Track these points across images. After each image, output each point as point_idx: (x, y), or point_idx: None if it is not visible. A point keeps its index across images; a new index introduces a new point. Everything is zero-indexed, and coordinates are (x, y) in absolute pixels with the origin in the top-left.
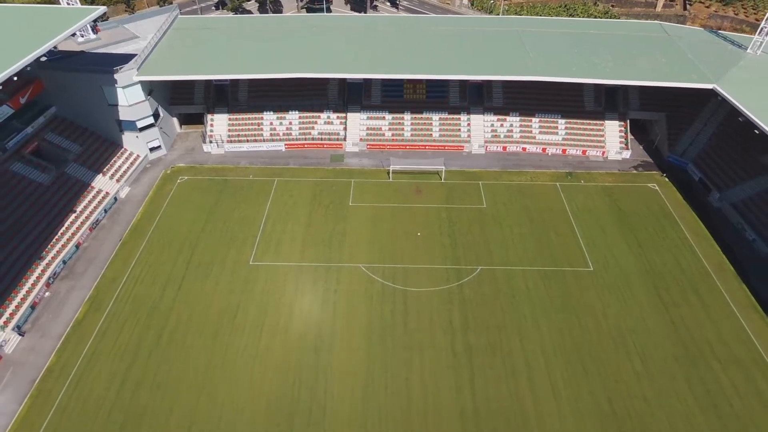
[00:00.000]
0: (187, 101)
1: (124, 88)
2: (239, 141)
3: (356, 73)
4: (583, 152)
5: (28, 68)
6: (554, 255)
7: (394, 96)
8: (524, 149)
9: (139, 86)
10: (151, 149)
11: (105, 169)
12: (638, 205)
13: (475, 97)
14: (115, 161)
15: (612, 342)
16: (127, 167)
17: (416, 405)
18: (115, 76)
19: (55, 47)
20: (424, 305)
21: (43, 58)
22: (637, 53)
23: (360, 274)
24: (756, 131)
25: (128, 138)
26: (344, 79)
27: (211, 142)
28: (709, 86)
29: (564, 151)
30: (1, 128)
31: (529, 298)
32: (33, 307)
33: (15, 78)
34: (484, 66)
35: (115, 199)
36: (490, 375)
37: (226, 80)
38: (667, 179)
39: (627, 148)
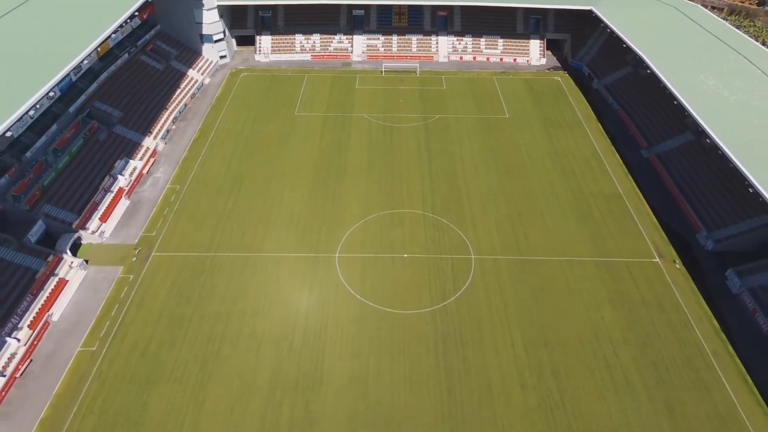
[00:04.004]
0: (242, 26)
1: (207, 10)
2: (279, 53)
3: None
4: (514, 60)
5: None
6: (486, 110)
7: (386, 23)
8: (474, 58)
9: (216, 10)
10: (221, 57)
11: (193, 66)
12: (545, 88)
13: (442, 24)
14: (198, 62)
15: (512, 148)
16: (206, 66)
17: (398, 172)
18: (203, 0)
19: None
20: (403, 132)
21: None
22: None
23: (364, 119)
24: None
25: (206, 48)
26: (351, 12)
27: (260, 53)
28: (588, 8)
29: (501, 59)
30: (133, 33)
31: (467, 129)
32: (168, 131)
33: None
34: None
35: (202, 84)
36: (440, 160)
37: (268, 12)
38: (567, 75)
39: (544, 57)
